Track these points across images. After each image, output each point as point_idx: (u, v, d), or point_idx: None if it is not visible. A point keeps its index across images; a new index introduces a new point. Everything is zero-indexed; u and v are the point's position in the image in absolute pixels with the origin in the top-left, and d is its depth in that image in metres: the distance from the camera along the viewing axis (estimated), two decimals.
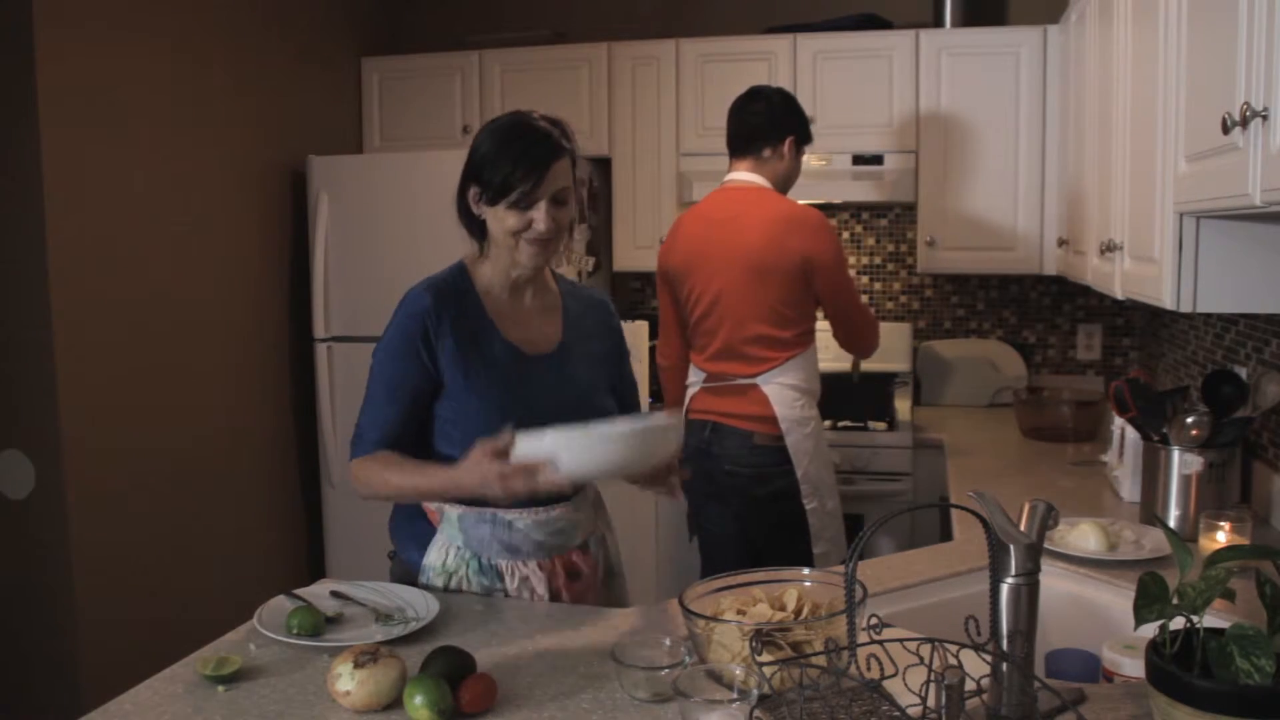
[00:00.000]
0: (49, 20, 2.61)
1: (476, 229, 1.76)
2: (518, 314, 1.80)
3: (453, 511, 1.78)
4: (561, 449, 1.49)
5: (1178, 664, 1.14)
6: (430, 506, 1.81)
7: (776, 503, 2.65)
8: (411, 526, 1.84)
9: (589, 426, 1.54)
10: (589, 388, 1.83)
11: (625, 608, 1.95)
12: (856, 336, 2.78)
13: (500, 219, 1.70)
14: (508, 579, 1.78)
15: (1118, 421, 2.40)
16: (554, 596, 1.79)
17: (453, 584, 1.79)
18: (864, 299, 2.69)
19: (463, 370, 1.73)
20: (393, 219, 3.45)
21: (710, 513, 2.73)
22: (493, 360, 1.75)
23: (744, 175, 2.72)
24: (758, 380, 2.64)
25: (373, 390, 1.77)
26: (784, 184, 2.75)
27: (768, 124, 2.70)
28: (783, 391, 2.64)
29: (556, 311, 1.85)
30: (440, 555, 1.79)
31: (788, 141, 2.71)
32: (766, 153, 2.71)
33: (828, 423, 3.19)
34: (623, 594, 1.96)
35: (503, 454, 1.53)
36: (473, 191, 1.73)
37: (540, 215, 1.68)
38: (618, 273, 4.02)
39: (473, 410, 1.73)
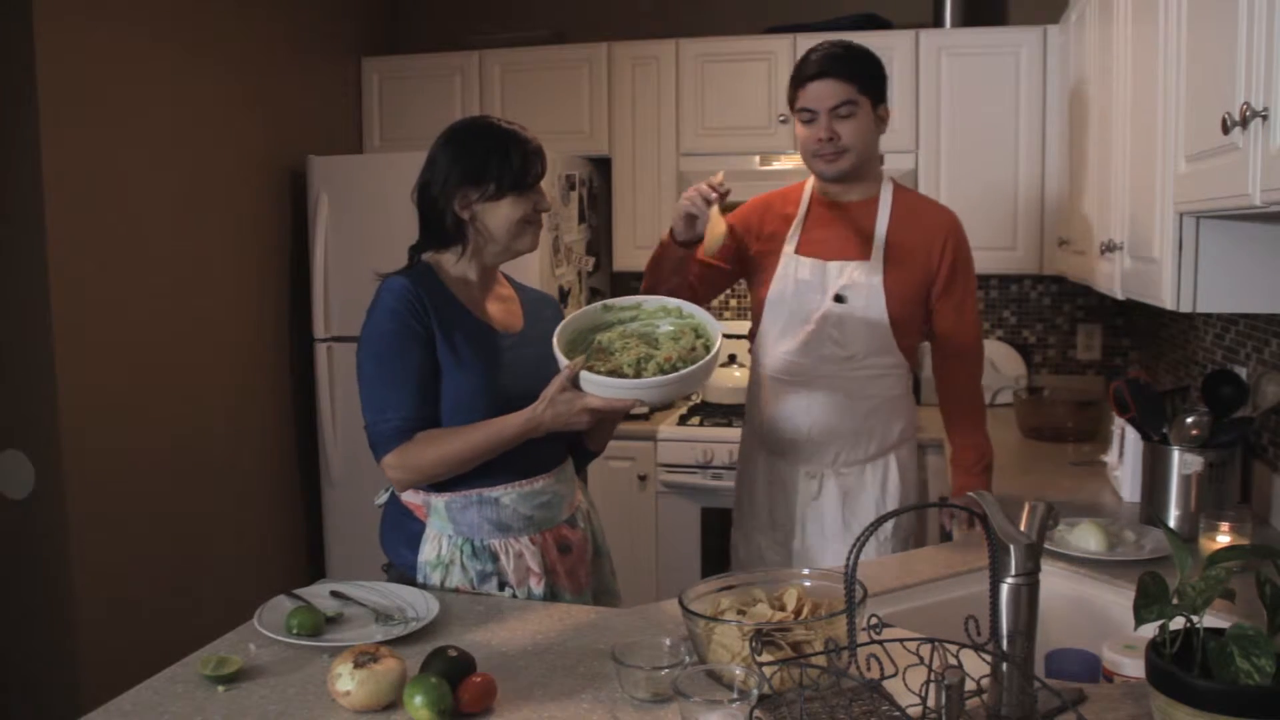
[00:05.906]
0: (49, 20, 2.61)
1: (454, 231, 1.83)
2: (484, 301, 1.89)
3: (439, 500, 1.81)
4: (641, 392, 1.70)
5: (1178, 664, 1.14)
6: (416, 501, 1.83)
7: None
8: (402, 527, 1.85)
9: (654, 378, 1.70)
10: (551, 370, 1.84)
11: (615, 593, 2.00)
12: None
13: (507, 211, 1.80)
14: (503, 558, 1.80)
15: (1118, 421, 2.40)
16: (549, 570, 1.83)
17: (449, 576, 1.80)
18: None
19: (450, 345, 1.78)
20: (393, 219, 3.43)
21: None
22: (472, 335, 1.81)
23: None
24: None
25: (377, 382, 1.78)
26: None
27: None
28: None
29: (514, 302, 1.96)
30: (433, 549, 1.81)
31: None
32: None
33: None
34: (611, 575, 2.01)
35: (573, 388, 1.70)
36: (467, 195, 1.80)
37: (543, 196, 1.83)
38: (617, 273, 4.02)
39: (459, 385, 1.77)
